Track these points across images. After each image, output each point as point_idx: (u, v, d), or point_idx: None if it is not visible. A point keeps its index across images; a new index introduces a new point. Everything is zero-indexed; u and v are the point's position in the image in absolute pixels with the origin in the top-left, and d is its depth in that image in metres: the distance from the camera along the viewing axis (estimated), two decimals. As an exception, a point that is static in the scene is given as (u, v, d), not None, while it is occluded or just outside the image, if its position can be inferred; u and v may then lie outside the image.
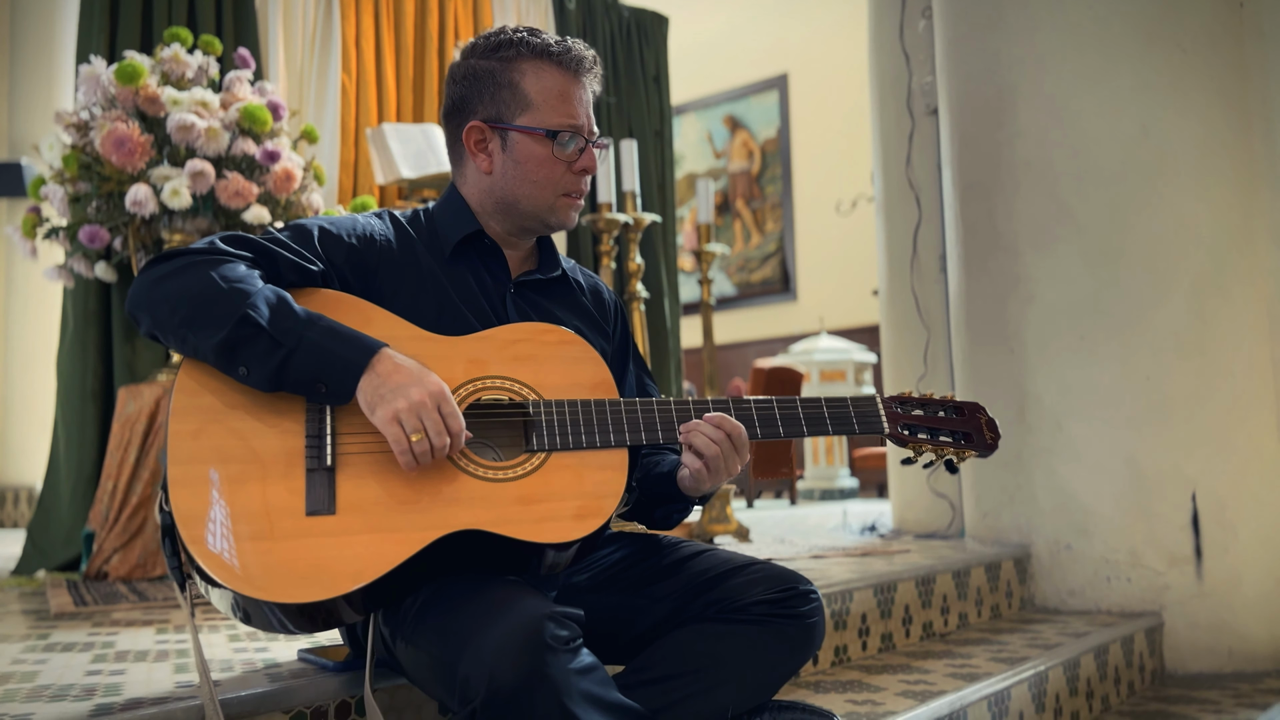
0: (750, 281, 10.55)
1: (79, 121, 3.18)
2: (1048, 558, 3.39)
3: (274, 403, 1.38)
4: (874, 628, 2.64)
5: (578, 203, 1.64)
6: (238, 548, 1.28)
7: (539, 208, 1.60)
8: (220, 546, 1.28)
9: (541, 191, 1.59)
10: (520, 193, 1.60)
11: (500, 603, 1.28)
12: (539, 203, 1.60)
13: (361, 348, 1.36)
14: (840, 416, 1.58)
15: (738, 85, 10.82)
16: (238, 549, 1.28)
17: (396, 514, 1.34)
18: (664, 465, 1.66)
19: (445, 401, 1.35)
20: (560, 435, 1.45)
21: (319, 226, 1.54)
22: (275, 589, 1.27)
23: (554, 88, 1.58)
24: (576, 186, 1.61)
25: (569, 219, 1.64)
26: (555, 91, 1.58)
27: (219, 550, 1.28)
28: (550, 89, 1.58)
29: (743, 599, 1.56)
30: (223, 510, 1.30)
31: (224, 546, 1.28)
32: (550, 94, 1.58)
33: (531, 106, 1.57)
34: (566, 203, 1.62)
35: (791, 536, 4.04)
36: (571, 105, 1.59)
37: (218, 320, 1.33)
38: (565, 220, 1.64)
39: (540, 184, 1.59)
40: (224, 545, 1.28)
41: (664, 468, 1.65)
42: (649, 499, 1.65)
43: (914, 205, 4.23)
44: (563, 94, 1.58)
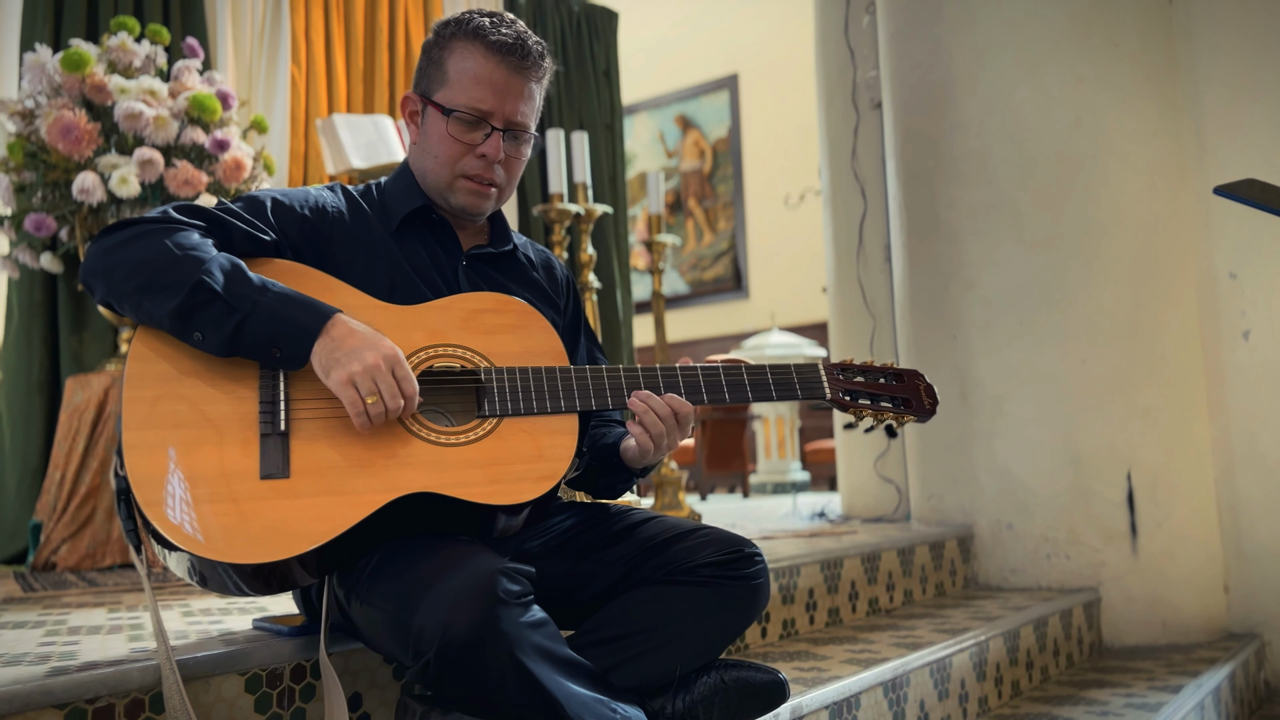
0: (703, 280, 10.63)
1: (24, 110, 3.16)
2: (990, 537, 3.48)
3: (229, 369, 1.40)
4: (821, 602, 2.70)
5: (484, 190, 1.62)
6: (193, 511, 1.31)
7: (439, 185, 1.62)
8: (176, 510, 1.30)
9: (440, 168, 1.61)
10: (425, 167, 1.63)
11: (453, 559, 1.32)
12: (439, 179, 1.62)
13: (316, 313, 1.39)
14: (784, 382, 1.63)
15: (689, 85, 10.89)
16: (193, 512, 1.31)
17: (350, 477, 1.37)
18: (609, 437, 1.70)
19: (399, 365, 1.39)
20: (512, 401, 1.49)
21: (272, 198, 1.56)
22: (230, 550, 1.30)
23: (471, 69, 1.58)
24: (478, 171, 1.60)
25: (472, 204, 1.63)
26: (471, 73, 1.58)
27: (174, 513, 1.30)
28: (467, 70, 1.58)
29: (691, 561, 1.61)
30: (178, 474, 1.32)
31: (179, 510, 1.30)
32: (465, 75, 1.58)
33: (446, 84, 1.59)
34: (466, 185, 1.61)
35: (743, 522, 4.10)
36: (483, 89, 1.57)
37: (173, 286, 1.35)
38: (468, 205, 1.63)
39: (440, 160, 1.60)
40: (179, 508, 1.30)
41: (609, 439, 1.70)
42: (595, 468, 1.70)
43: (860, 197, 4.31)
44: (478, 76, 1.57)
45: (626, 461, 1.63)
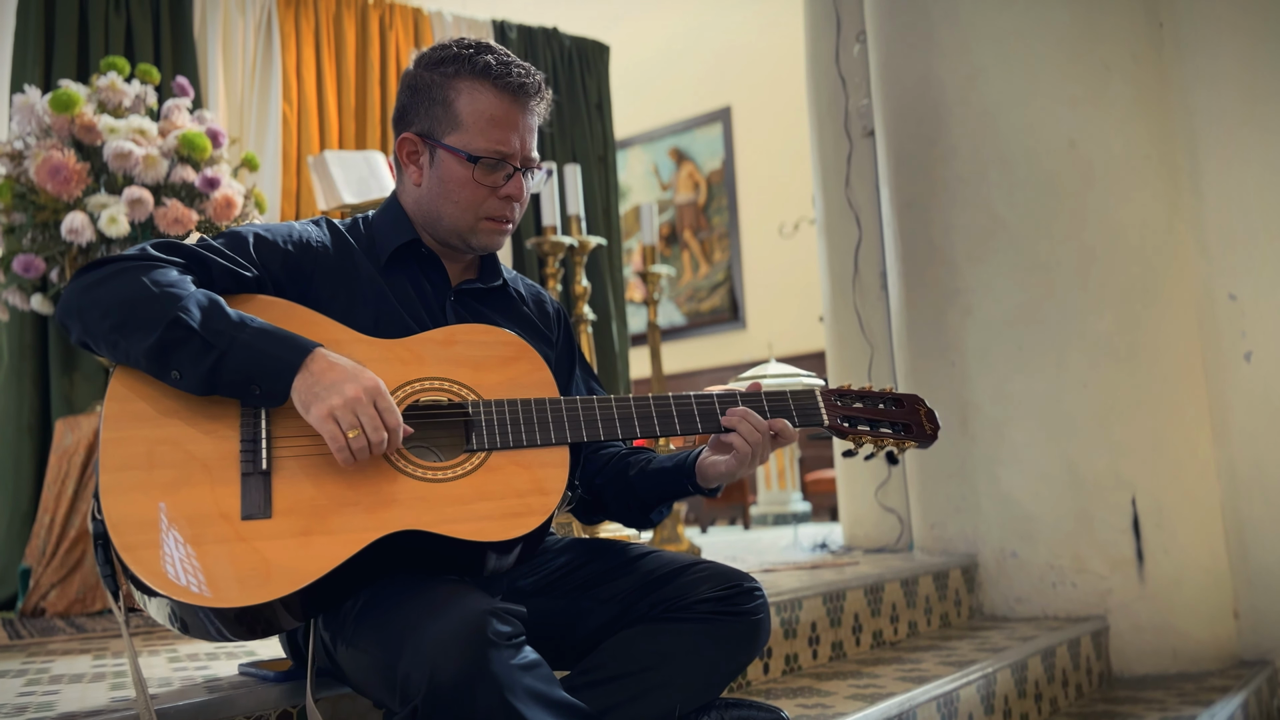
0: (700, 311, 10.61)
1: (13, 151, 3.14)
2: (994, 566, 3.42)
3: (208, 407, 1.37)
4: (824, 636, 2.65)
5: (503, 227, 1.61)
6: (172, 554, 1.27)
7: (460, 228, 1.60)
8: (153, 554, 1.26)
9: (462, 213, 1.58)
10: (442, 210, 1.59)
11: (441, 600, 1.28)
12: (460, 223, 1.59)
13: (295, 347, 1.36)
14: (780, 409, 1.59)
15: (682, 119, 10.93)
16: (172, 555, 1.27)
17: (334, 516, 1.33)
18: (661, 460, 1.66)
19: (381, 397, 1.35)
20: (500, 434, 1.45)
21: (254, 233, 1.53)
22: (211, 595, 1.26)
23: (486, 111, 1.55)
24: (500, 212, 1.59)
25: (492, 243, 1.63)
26: (486, 115, 1.55)
27: (152, 558, 1.26)
28: (482, 112, 1.55)
29: (688, 597, 1.57)
30: (156, 517, 1.28)
31: (157, 554, 1.26)
32: (481, 117, 1.55)
33: (460, 127, 1.56)
34: (489, 226, 1.60)
35: (744, 555, 4.05)
36: (501, 131, 1.56)
37: (149, 324, 1.32)
38: (488, 244, 1.62)
39: (461, 205, 1.58)
40: (157, 552, 1.26)
41: (664, 461, 1.65)
42: (646, 497, 1.66)
43: (854, 225, 4.30)
44: (494, 119, 1.56)
45: (709, 479, 1.59)
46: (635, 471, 1.69)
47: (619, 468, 1.69)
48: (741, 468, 1.57)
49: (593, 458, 1.72)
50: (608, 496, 1.69)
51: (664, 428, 1.55)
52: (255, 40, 4.19)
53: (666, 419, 1.56)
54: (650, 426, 1.54)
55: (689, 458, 1.65)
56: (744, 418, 1.56)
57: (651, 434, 1.54)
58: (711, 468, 1.60)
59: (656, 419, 1.55)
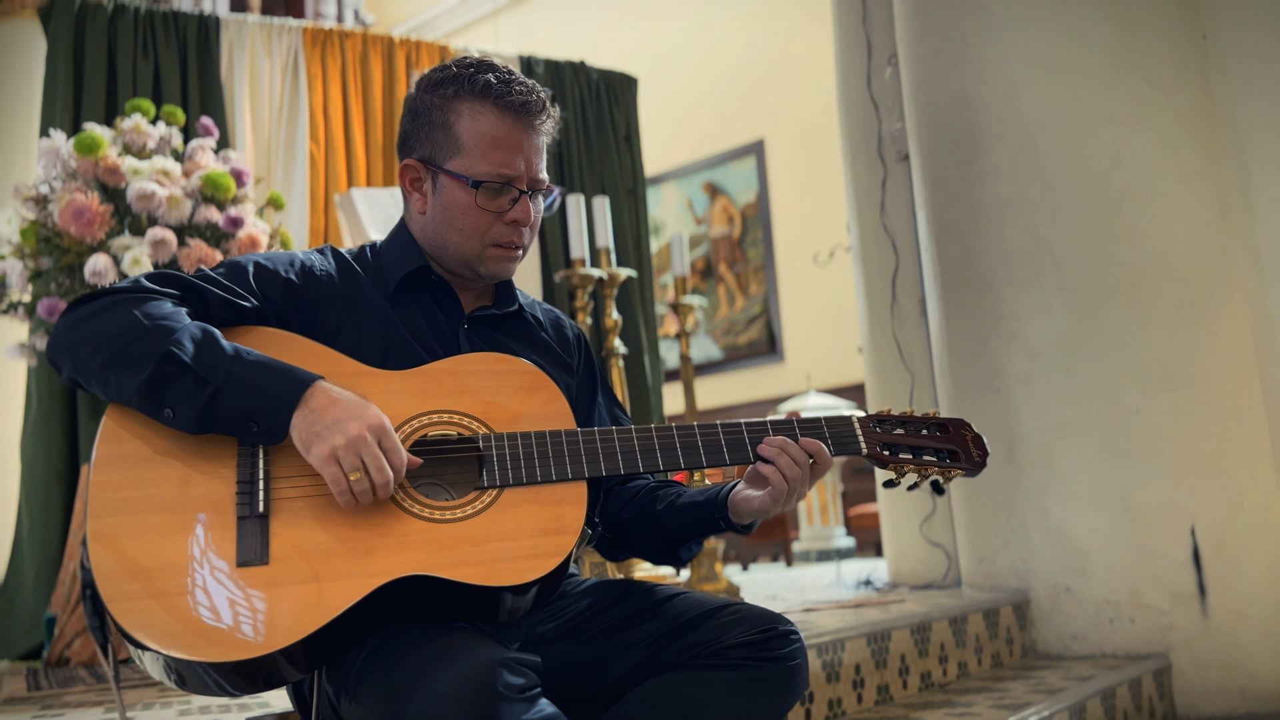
0: (736, 344, 10.51)
1: (38, 195, 3.13)
2: (1047, 602, 3.27)
3: (204, 447, 1.29)
4: (869, 679, 2.52)
5: (512, 254, 1.53)
6: (163, 605, 1.19)
7: (467, 256, 1.52)
8: (143, 604, 1.18)
9: (468, 240, 1.51)
10: (447, 239, 1.52)
11: (448, 650, 1.19)
12: (466, 251, 1.52)
13: (294, 381, 1.28)
14: (815, 438, 1.49)
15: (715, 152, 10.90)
16: (163, 606, 1.19)
17: (335, 561, 1.25)
18: (691, 494, 1.56)
19: (386, 435, 1.27)
20: (513, 470, 1.36)
21: (254, 262, 1.47)
22: (205, 648, 1.17)
23: (488, 133, 1.48)
24: (508, 238, 1.51)
25: (501, 271, 1.55)
26: (489, 138, 1.48)
27: (141, 609, 1.18)
28: (484, 134, 1.48)
29: (720, 642, 1.46)
30: (146, 565, 1.21)
31: (148, 604, 1.18)
32: (483, 140, 1.48)
33: (462, 151, 1.48)
34: (497, 254, 1.52)
35: (785, 594, 3.92)
36: (504, 153, 1.48)
37: (139, 359, 1.25)
38: (497, 272, 1.54)
39: (466, 232, 1.50)
40: (147, 603, 1.19)
41: (695, 496, 1.55)
42: (674, 534, 1.56)
43: (891, 251, 4.19)
44: (496, 140, 1.48)
45: (742, 514, 1.49)
46: (663, 506, 1.59)
47: (646, 502, 1.60)
48: (777, 504, 1.47)
49: (618, 490, 1.63)
50: (634, 532, 1.60)
51: (689, 459, 1.46)
52: (282, 81, 4.19)
53: (691, 450, 1.46)
54: (674, 458, 1.45)
55: (721, 491, 1.55)
56: (783, 449, 1.46)
57: (676, 466, 1.44)
58: (745, 503, 1.50)
59: (681, 450, 1.46)
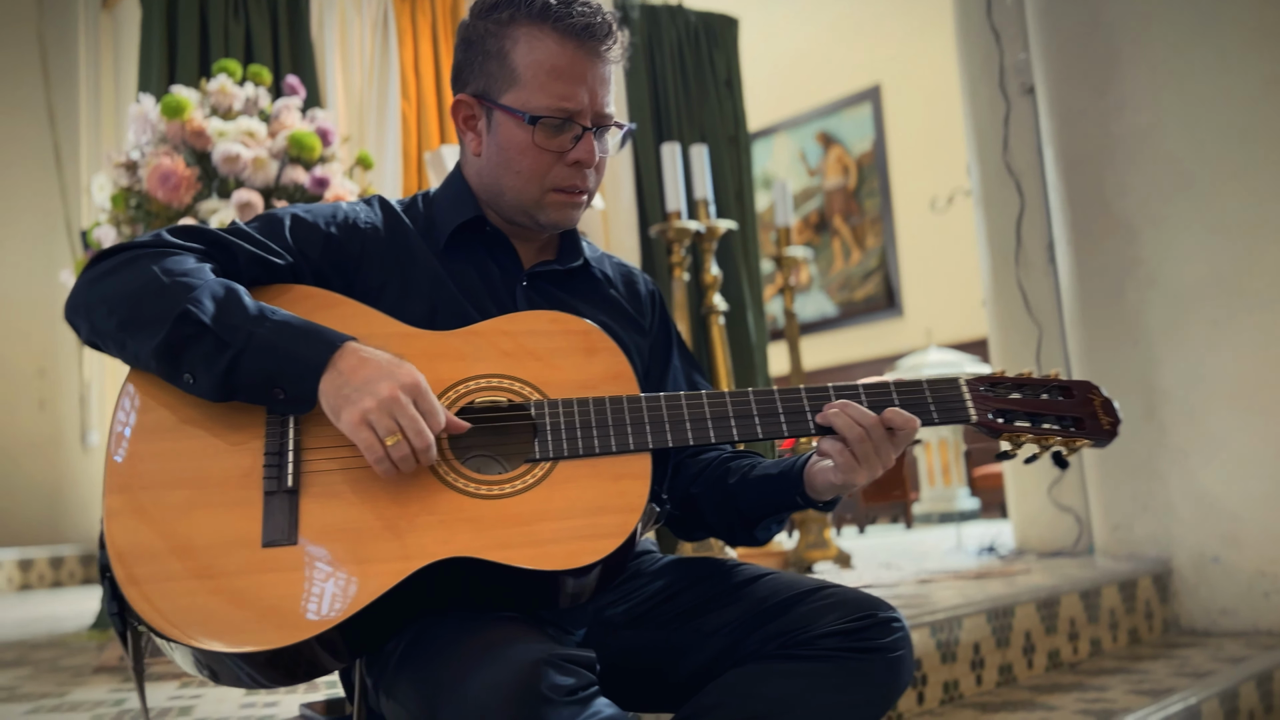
0: (853, 300, 10.17)
1: (128, 161, 3.11)
2: (1192, 573, 2.99)
3: (230, 416, 1.18)
4: (990, 659, 2.31)
5: (575, 199, 1.36)
6: (184, 589, 1.08)
7: (524, 202, 1.36)
8: (163, 589, 1.08)
9: (526, 184, 1.34)
10: (504, 183, 1.36)
11: (489, 647, 1.05)
12: (524, 197, 1.35)
13: (321, 343, 1.15)
14: (915, 403, 1.30)
15: (828, 101, 10.51)
16: (184, 591, 1.08)
17: (371, 542, 1.12)
18: (767, 465, 1.40)
19: (421, 395, 1.13)
20: (568, 440, 1.21)
21: (292, 214, 1.34)
22: (230, 637, 1.06)
23: (546, 61, 1.31)
24: (570, 181, 1.34)
25: (564, 219, 1.38)
26: (547, 66, 1.31)
27: (159, 594, 1.07)
28: (541, 63, 1.31)
29: (810, 630, 1.30)
30: (165, 545, 1.10)
31: (167, 589, 1.08)
32: (540, 69, 1.31)
33: (518, 83, 1.32)
34: (558, 200, 1.35)
35: (899, 561, 3.70)
36: (565, 84, 1.31)
37: (155, 320, 1.14)
38: (559, 220, 1.38)
39: (524, 175, 1.34)
40: (165, 587, 1.08)
41: (770, 468, 1.39)
42: (749, 510, 1.39)
43: (1014, 193, 3.88)
44: (555, 69, 1.31)
45: (818, 489, 1.32)
46: (736, 479, 1.42)
47: (717, 474, 1.43)
48: (850, 474, 1.28)
49: (688, 463, 1.46)
50: (705, 509, 1.43)
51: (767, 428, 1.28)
52: (372, 39, 4.10)
53: (770, 418, 1.28)
54: (751, 427, 1.27)
55: (798, 462, 1.37)
56: (842, 410, 1.27)
57: (753, 436, 1.27)
58: (819, 475, 1.32)
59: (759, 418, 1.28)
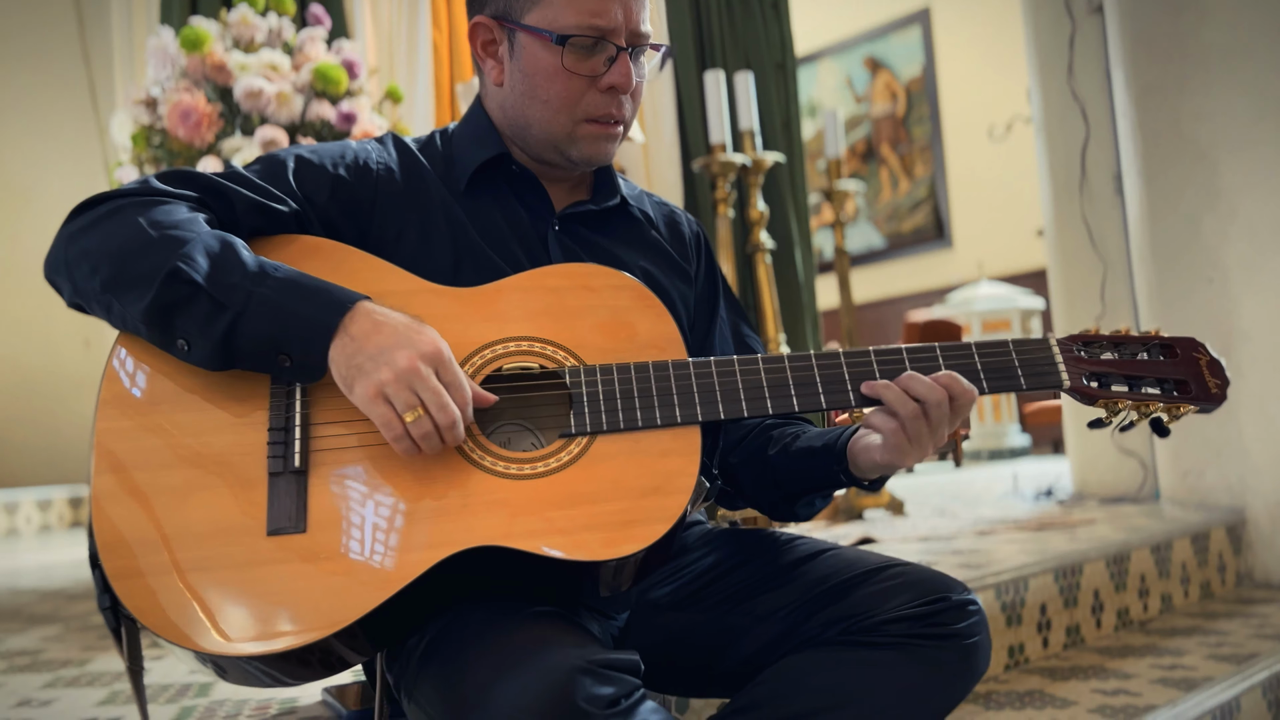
0: (900, 231, 9.89)
1: (148, 98, 2.98)
2: (1268, 523, 2.83)
3: (232, 386, 1.06)
4: (1056, 620, 2.18)
5: (610, 130, 1.21)
6: (181, 583, 0.97)
7: (554, 135, 1.21)
8: (158, 584, 0.97)
9: (554, 115, 1.20)
10: (531, 114, 1.21)
11: (519, 651, 0.93)
12: (553, 129, 1.21)
13: (330, 303, 1.02)
14: (999, 368, 1.15)
15: (876, 25, 10.14)
16: (181, 585, 0.97)
17: (390, 529, 1.01)
18: (810, 437, 1.26)
19: (444, 365, 1.00)
20: (608, 411, 1.08)
21: (296, 156, 1.21)
22: (235, 636, 0.96)
23: None
24: (604, 110, 1.19)
25: (598, 152, 1.23)
26: None
27: (156, 589, 0.97)
28: None
29: (877, 614, 1.17)
30: (160, 534, 0.99)
31: (162, 583, 0.97)
32: None
33: (543, 0, 1.18)
34: (592, 131, 1.20)
35: (953, 506, 3.57)
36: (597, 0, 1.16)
37: (143, 279, 1.01)
38: (592, 154, 1.23)
39: (553, 104, 1.19)
40: (163, 582, 0.97)
41: (814, 440, 1.25)
42: (789, 485, 1.26)
43: (1080, 120, 3.65)
44: None
45: (860, 467, 1.19)
46: (776, 450, 1.28)
47: (758, 444, 1.30)
48: (898, 456, 1.13)
49: (728, 428, 1.33)
50: (744, 480, 1.30)
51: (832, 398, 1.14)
52: (401, -36, 3.92)
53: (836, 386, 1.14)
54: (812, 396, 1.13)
55: (844, 434, 1.23)
56: (897, 383, 1.11)
57: (814, 406, 1.13)
58: (864, 453, 1.17)
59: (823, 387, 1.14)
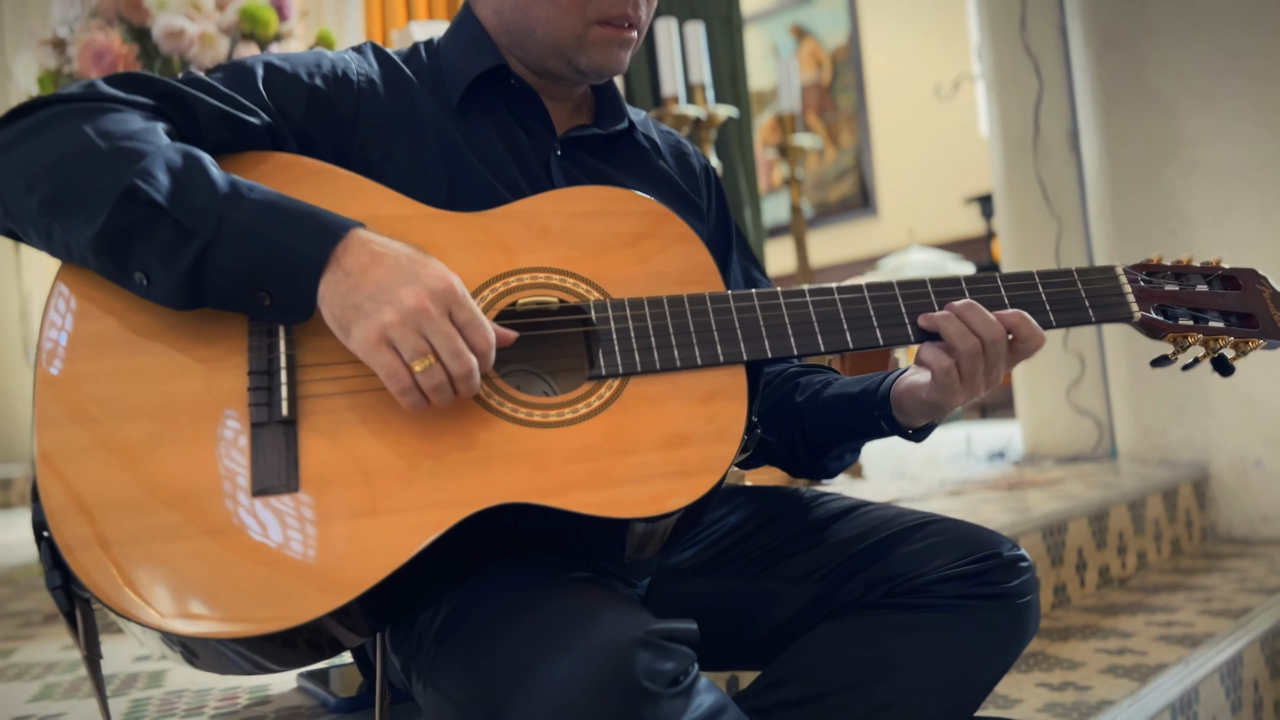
0: (827, 201, 9.86)
1: (55, 39, 2.73)
2: (1232, 478, 2.81)
3: (199, 326, 0.90)
4: (1044, 579, 2.12)
5: (624, 35, 1.08)
6: (147, 555, 0.81)
7: (561, 39, 1.07)
8: (120, 554, 0.81)
9: (563, 15, 1.06)
10: (535, 15, 1.07)
11: (566, 619, 0.80)
12: (561, 31, 1.06)
13: (319, 229, 0.87)
14: (1066, 301, 1.05)
15: (801, -10, 10.06)
16: (147, 557, 0.81)
17: (396, 487, 0.86)
18: (845, 382, 1.15)
19: (458, 303, 0.86)
20: (641, 350, 0.95)
21: (265, 63, 1.04)
22: (212, 615, 0.80)
23: None
24: (619, 9, 1.06)
25: (610, 60, 1.09)
26: None
27: (118, 560, 0.81)
28: None
29: (922, 574, 1.07)
30: (121, 497, 0.83)
31: (126, 554, 0.81)
32: None
33: None
34: (604, 35, 1.07)
35: (912, 470, 3.51)
36: None
37: (92, 199, 0.85)
38: (604, 62, 1.09)
39: (560, 4, 1.05)
40: (126, 552, 0.81)
41: (849, 385, 1.14)
42: (819, 435, 1.15)
43: (1033, 75, 3.59)
44: None
45: (906, 410, 1.08)
46: (805, 397, 1.17)
47: (783, 391, 1.19)
48: (948, 395, 1.03)
49: None
50: (766, 432, 1.18)
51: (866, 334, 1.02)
52: (329, -97, 3.68)
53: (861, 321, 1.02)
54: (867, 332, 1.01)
55: (885, 378, 1.12)
56: (956, 313, 1.01)
57: (869, 342, 1.01)
58: (909, 394, 1.07)
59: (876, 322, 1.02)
